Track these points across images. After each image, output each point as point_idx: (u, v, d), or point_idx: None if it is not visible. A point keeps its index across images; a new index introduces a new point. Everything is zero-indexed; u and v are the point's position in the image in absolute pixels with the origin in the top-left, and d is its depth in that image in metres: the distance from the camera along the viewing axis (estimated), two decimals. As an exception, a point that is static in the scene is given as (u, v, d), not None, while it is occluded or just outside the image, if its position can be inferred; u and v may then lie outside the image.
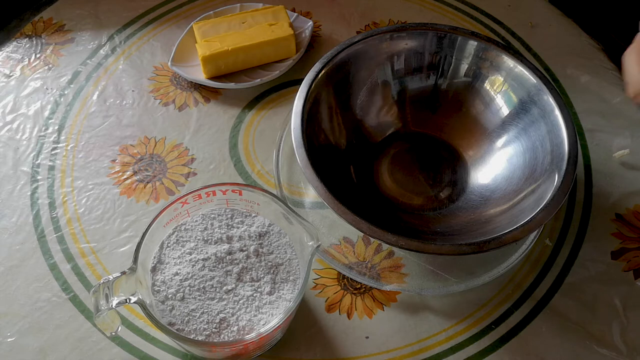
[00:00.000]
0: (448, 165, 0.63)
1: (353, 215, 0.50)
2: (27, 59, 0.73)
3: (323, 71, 0.59)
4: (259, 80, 0.69)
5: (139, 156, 0.65)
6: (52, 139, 0.66)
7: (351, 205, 0.51)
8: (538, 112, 0.57)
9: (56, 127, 0.67)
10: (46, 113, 0.68)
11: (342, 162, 0.61)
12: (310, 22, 0.74)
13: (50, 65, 0.73)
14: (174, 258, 0.50)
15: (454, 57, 0.62)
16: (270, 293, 0.49)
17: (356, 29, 0.77)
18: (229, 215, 0.53)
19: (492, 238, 0.50)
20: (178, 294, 0.48)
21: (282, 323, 0.46)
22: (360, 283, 0.56)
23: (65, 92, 0.70)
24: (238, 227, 0.52)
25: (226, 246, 0.51)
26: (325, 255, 0.57)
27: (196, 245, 0.51)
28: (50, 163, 0.64)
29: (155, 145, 0.66)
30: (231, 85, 0.69)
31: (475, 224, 0.57)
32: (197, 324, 0.47)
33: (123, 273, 0.45)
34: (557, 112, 0.55)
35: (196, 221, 0.52)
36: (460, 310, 0.55)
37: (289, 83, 0.71)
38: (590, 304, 0.55)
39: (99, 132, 0.67)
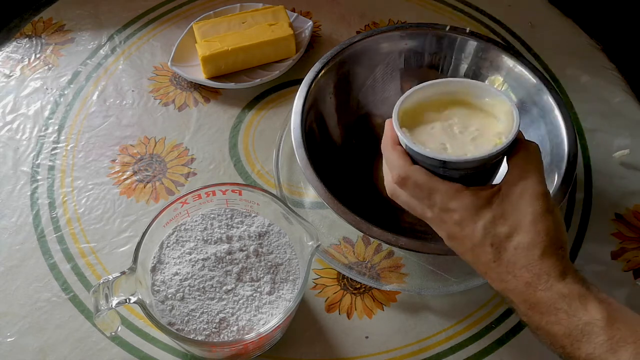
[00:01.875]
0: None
1: (353, 215, 0.51)
2: (27, 59, 0.73)
3: (323, 71, 0.59)
4: (258, 80, 0.69)
5: (139, 156, 0.65)
6: (52, 139, 0.66)
7: (351, 205, 0.51)
8: (538, 112, 0.57)
9: (56, 127, 0.67)
10: (46, 113, 0.68)
11: (342, 162, 0.61)
12: (310, 22, 0.74)
13: (50, 65, 0.73)
14: (173, 258, 0.50)
15: (453, 57, 0.62)
16: (270, 293, 0.49)
17: (356, 29, 0.77)
18: (229, 215, 0.53)
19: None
20: (178, 294, 0.48)
21: (282, 323, 0.46)
22: (360, 283, 0.56)
23: (65, 92, 0.70)
24: (238, 227, 0.52)
25: (226, 246, 0.51)
26: (325, 255, 0.57)
27: (196, 245, 0.51)
28: (50, 163, 0.64)
29: (155, 145, 0.66)
30: (231, 85, 0.69)
31: (475, 223, 0.56)
32: (196, 323, 0.47)
33: (123, 273, 0.45)
34: (557, 112, 0.55)
35: (196, 221, 0.52)
36: (460, 310, 0.55)
37: (288, 83, 0.71)
38: (590, 304, 0.55)
39: (99, 132, 0.67)
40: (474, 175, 0.42)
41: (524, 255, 0.37)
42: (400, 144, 0.43)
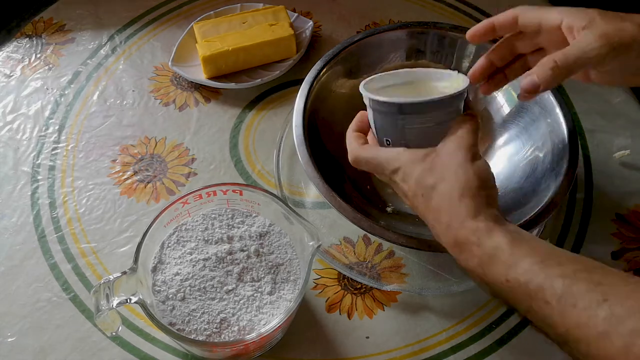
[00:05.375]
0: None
1: (354, 212, 0.51)
2: (27, 59, 0.73)
3: (324, 70, 0.59)
4: (259, 80, 0.69)
5: (140, 156, 0.65)
6: (52, 139, 0.66)
7: (352, 203, 0.51)
8: (539, 110, 0.57)
9: (56, 127, 0.67)
10: (46, 113, 0.68)
11: (342, 161, 0.61)
12: (311, 22, 0.74)
13: (50, 65, 0.73)
14: (174, 258, 0.50)
15: (454, 56, 0.62)
16: (270, 293, 0.49)
17: (356, 29, 0.77)
18: (230, 215, 0.53)
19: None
20: (179, 294, 0.48)
21: (283, 323, 0.46)
22: (361, 283, 0.56)
23: (66, 92, 0.70)
24: (239, 227, 0.52)
25: (227, 246, 0.51)
26: (325, 255, 0.57)
27: (197, 245, 0.51)
28: (51, 163, 0.64)
29: (155, 146, 0.66)
30: (232, 85, 0.69)
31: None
32: (197, 324, 0.47)
33: (124, 273, 0.45)
34: (558, 111, 0.55)
35: (197, 221, 0.52)
36: (460, 310, 0.55)
37: (289, 83, 0.71)
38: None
39: (100, 132, 0.67)
40: (429, 131, 0.44)
41: (445, 200, 0.40)
42: (359, 131, 0.48)
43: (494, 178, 0.43)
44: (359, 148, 0.47)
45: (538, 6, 0.45)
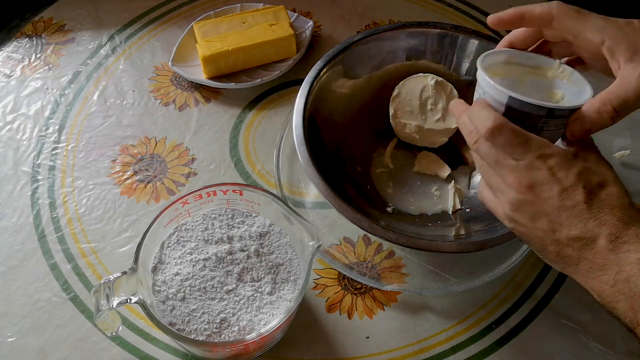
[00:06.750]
0: (449, 164, 0.63)
1: (354, 212, 0.51)
2: (27, 59, 0.73)
3: (324, 70, 0.59)
4: (259, 80, 0.69)
5: (140, 156, 0.65)
6: (52, 139, 0.66)
7: (352, 203, 0.51)
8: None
9: (57, 127, 0.67)
10: (47, 113, 0.68)
11: (342, 161, 0.61)
12: (311, 22, 0.74)
13: (50, 65, 0.73)
14: (174, 258, 0.50)
15: (455, 56, 0.62)
16: (270, 293, 0.49)
17: (356, 29, 0.77)
18: (230, 215, 0.53)
19: (492, 237, 0.50)
20: (179, 294, 0.48)
21: (283, 323, 0.46)
22: (361, 283, 0.56)
23: (66, 92, 0.70)
24: (239, 227, 0.52)
25: (227, 246, 0.51)
26: (325, 255, 0.57)
27: (197, 245, 0.51)
28: (51, 163, 0.64)
29: (155, 146, 0.66)
30: (232, 85, 0.69)
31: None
32: (197, 324, 0.47)
33: (124, 273, 0.45)
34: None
35: (197, 221, 0.52)
36: (460, 310, 0.55)
37: (289, 83, 0.71)
38: (590, 304, 0.55)
39: (100, 132, 0.67)
40: (556, 134, 0.44)
41: (615, 200, 0.41)
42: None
43: None
44: (501, 116, 0.42)
45: (577, 11, 0.43)
